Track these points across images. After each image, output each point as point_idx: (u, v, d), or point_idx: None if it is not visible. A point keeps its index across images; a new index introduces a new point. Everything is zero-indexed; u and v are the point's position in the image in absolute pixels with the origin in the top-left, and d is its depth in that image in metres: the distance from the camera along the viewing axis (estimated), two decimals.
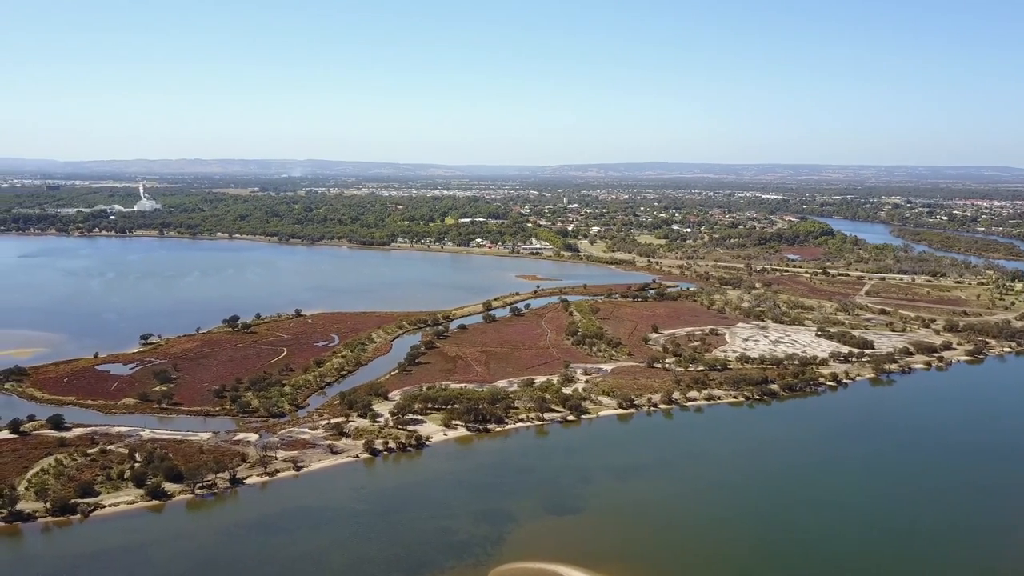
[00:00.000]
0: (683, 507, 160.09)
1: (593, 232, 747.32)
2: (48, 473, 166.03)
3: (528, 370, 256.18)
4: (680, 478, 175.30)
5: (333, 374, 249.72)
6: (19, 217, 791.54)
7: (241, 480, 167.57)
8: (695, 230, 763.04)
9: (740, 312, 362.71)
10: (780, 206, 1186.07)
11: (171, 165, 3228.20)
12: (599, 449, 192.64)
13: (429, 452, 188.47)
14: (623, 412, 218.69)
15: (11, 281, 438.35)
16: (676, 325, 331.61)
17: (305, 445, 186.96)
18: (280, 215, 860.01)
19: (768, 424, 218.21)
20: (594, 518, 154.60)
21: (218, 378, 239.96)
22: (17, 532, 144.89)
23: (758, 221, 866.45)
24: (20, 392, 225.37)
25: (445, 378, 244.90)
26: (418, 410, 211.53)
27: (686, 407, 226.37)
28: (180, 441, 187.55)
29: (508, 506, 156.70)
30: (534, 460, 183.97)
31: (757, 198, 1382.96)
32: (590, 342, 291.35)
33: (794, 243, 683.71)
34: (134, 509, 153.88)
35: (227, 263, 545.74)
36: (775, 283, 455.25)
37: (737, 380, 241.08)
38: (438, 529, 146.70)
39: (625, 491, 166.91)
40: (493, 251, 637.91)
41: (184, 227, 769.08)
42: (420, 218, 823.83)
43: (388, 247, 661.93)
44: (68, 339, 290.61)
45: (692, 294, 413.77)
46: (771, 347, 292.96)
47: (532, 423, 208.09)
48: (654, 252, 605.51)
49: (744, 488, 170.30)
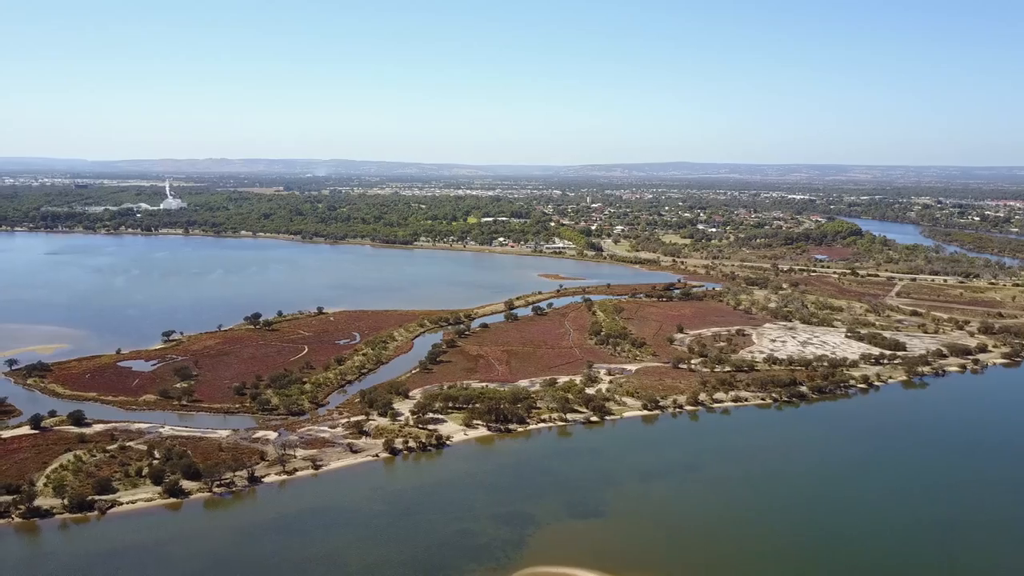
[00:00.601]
0: (711, 512, 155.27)
1: (617, 231, 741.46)
2: (67, 469, 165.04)
3: (550, 370, 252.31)
4: (707, 482, 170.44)
5: (354, 372, 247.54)
6: (47, 215, 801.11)
7: (259, 478, 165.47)
8: (720, 230, 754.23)
9: (767, 312, 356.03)
10: (807, 206, 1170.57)
11: (197, 165, 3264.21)
12: (623, 451, 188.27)
13: (449, 452, 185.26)
14: (648, 413, 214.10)
15: (37, 278, 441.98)
16: (702, 325, 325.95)
17: (324, 444, 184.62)
18: (304, 214, 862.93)
19: (797, 427, 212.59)
20: (618, 522, 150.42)
21: (239, 375, 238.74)
22: (34, 529, 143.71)
23: (784, 221, 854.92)
24: (42, 388, 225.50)
25: (466, 377, 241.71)
26: (439, 409, 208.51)
27: (712, 409, 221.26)
28: (199, 438, 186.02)
29: (529, 508, 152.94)
30: (556, 461, 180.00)
31: (783, 198, 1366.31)
32: (614, 342, 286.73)
33: (822, 243, 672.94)
34: (151, 507, 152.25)
35: (250, 261, 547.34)
36: (802, 283, 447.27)
37: (765, 382, 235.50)
38: (457, 531, 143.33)
39: (650, 494, 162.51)
40: (515, 250, 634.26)
41: (208, 225, 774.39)
42: (443, 217, 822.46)
43: (411, 246, 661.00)
44: (91, 335, 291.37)
45: (718, 294, 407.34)
46: (799, 348, 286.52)
47: (554, 424, 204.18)
48: (679, 252, 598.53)
49: (774, 493, 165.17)
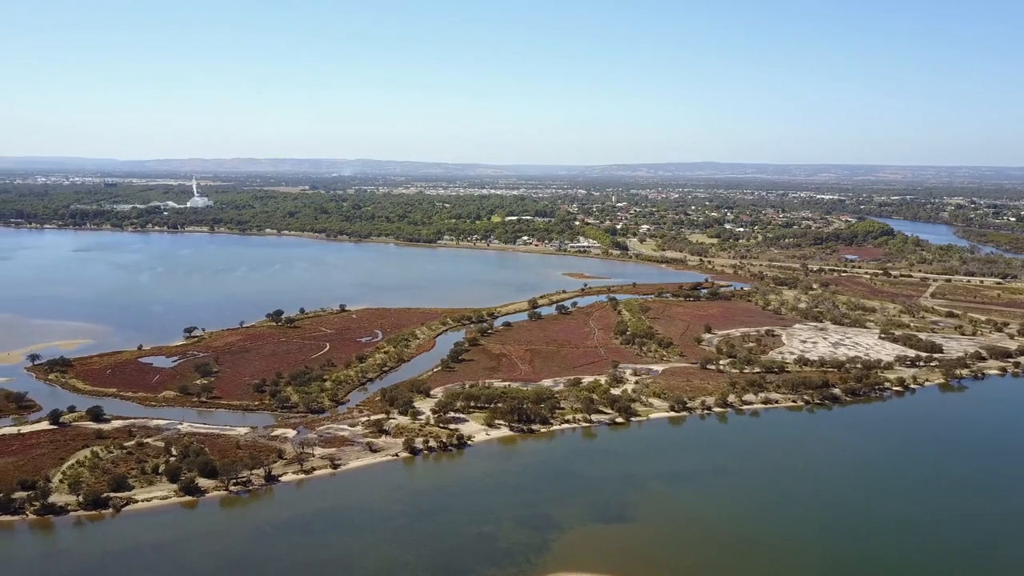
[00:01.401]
0: (741, 518, 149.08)
1: (643, 230, 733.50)
2: (83, 465, 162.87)
3: (575, 369, 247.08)
4: (737, 486, 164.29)
5: (375, 370, 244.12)
6: (76, 213, 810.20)
7: (276, 477, 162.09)
8: (748, 229, 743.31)
9: (797, 313, 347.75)
10: (836, 206, 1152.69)
11: (225, 164, 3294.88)
12: (650, 453, 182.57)
13: (471, 452, 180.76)
14: (675, 415, 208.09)
15: (64, 274, 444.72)
16: (730, 325, 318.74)
17: (343, 442, 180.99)
18: (329, 212, 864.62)
19: (830, 430, 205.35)
20: (644, 527, 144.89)
21: (259, 372, 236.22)
22: (49, 526, 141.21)
23: (813, 221, 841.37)
24: (63, 383, 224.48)
25: (489, 376, 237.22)
26: (460, 408, 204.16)
27: (742, 411, 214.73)
28: (217, 436, 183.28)
29: (552, 512, 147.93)
30: (581, 463, 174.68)
31: (811, 198, 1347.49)
32: (640, 342, 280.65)
33: (852, 243, 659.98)
34: (167, 505, 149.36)
35: (274, 259, 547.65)
36: (833, 283, 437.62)
37: (796, 383, 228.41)
38: (478, 535, 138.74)
39: (678, 499, 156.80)
40: (539, 249, 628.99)
41: (234, 223, 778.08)
42: (467, 216, 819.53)
43: (434, 244, 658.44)
44: (114, 331, 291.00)
45: (746, 294, 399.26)
46: (831, 349, 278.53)
47: (579, 424, 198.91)
48: (706, 251, 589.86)
49: (807, 498, 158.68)
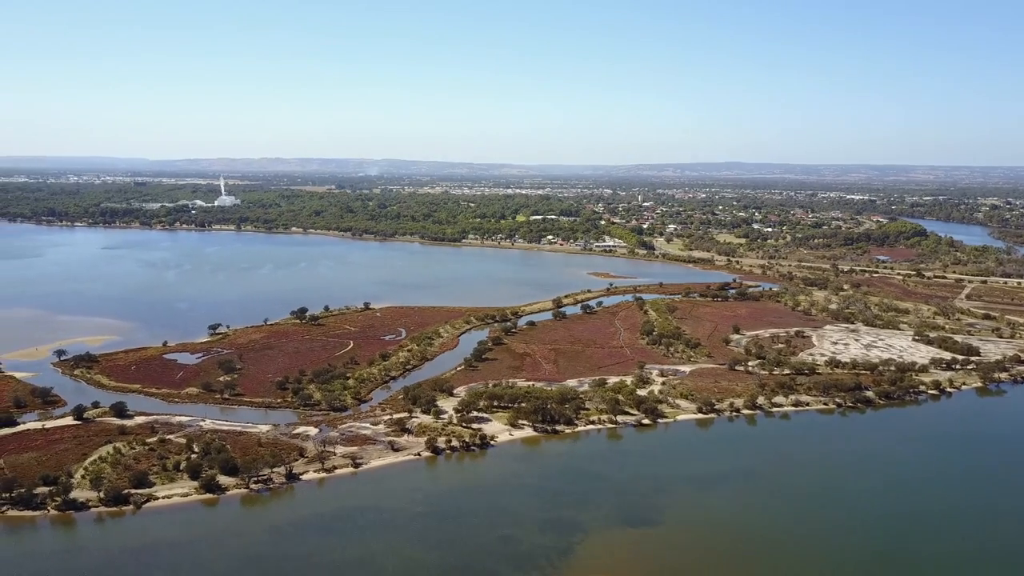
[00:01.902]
0: (771, 523, 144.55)
1: (669, 230, 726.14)
2: (105, 461, 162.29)
3: (600, 370, 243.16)
4: (767, 491, 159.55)
5: (398, 368, 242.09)
6: (106, 211, 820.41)
7: (297, 476, 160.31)
8: (776, 229, 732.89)
9: (827, 314, 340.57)
10: (866, 206, 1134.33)
11: (253, 164, 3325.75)
12: (677, 456, 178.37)
13: (494, 453, 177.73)
14: (703, 417, 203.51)
15: (92, 271, 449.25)
16: (759, 326, 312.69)
17: (365, 441, 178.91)
18: (354, 211, 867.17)
19: (863, 434, 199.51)
20: (672, 531, 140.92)
21: (282, 369, 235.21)
22: (69, 521, 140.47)
23: (843, 221, 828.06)
24: (88, 379, 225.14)
25: (512, 375, 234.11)
26: (483, 408, 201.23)
27: (771, 413, 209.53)
28: (239, 433, 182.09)
29: (577, 515, 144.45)
30: (606, 465, 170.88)
31: (841, 198, 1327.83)
32: (667, 342, 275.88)
33: (883, 244, 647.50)
34: (187, 502, 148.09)
35: (300, 257, 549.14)
36: (864, 284, 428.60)
37: (827, 386, 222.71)
38: (500, 537, 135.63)
39: (706, 503, 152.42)
40: (564, 248, 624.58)
41: (260, 222, 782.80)
42: (491, 215, 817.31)
43: (459, 243, 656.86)
44: (140, 327, 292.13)
45: (775, 294, 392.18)
46: (863, 351, 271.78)
47: (604, 426, 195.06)
48: (734, 251, 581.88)
49: (839, 504, 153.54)
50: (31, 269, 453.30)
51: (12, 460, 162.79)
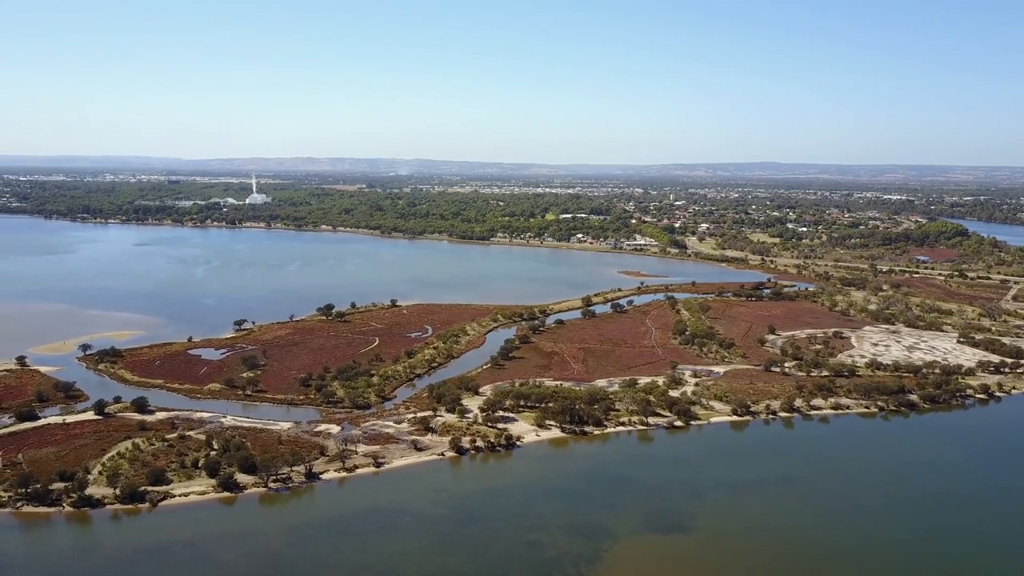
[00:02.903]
0: (808, 531, 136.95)
1: (702, 229, 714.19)
2: (124, 457, 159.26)
3: (630, 370, 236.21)
4: (805, 497, 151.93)
5: (423, 365, 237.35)
6: (139, 208, 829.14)
7: (317, 475, 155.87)
8: (812, 229, 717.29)
9: (867, 315, 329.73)
10: (904, 206, 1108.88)
11: (285, 163, 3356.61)
12: (711, 460, 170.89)
13: (519, 454, 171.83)
14: (737, 419, 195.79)
15: (123, 267, 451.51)
16: (795, 327, 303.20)
17: (388, 440, 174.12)
18: (384, 209, 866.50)
19: (907, 439, 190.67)
20: (705, 539, 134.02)
21: (306, 366, 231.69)
22: (85, 519, 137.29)
23: (881, 221, 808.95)
24: (112, 373, 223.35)
25: (539, 374, 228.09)
26: (510, 407, 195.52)
27: (809, 416, 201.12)
28: (260, 430, 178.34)
29: (606, 520, 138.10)
30: (636, 469, 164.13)
31: (878, 198, 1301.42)
32: (700, 342, 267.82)
33: (923, 244, 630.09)
34: (204, 500, 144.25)
35: (328, 254, 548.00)
36: (904, 285, 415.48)
37: (868, 388, 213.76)
38: (526, 542, 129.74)
39: (741, 509, 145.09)
40: (594, 247, 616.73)
41: (290, 219, 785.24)
42: (520, 214, 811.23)
43: (487, 242, 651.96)
44: (167, 323, 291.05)
45: (811, 294, 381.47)
46: (905, 353, 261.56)
47: (634, 427, 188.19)
48: (768, 250, 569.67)
49: (882, 512, 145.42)
50: (63, 265, 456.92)
51: (31, 455, 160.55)
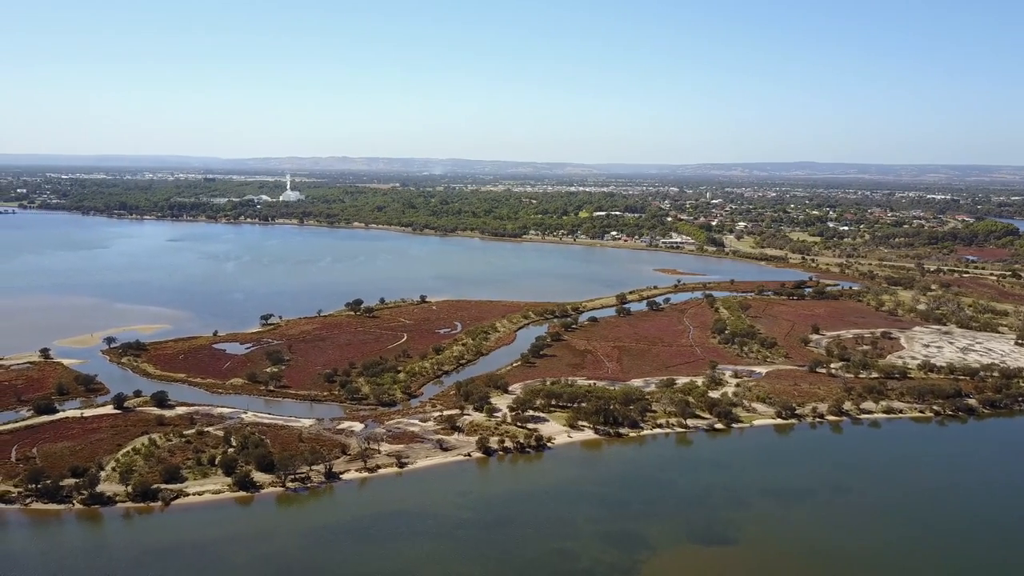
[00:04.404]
0: (864, 547, 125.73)
1: (739, 227, 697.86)
2: (139, 453, 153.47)
3: (667, 369, 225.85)
4: (859, 507, 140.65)
5: (451, 362, 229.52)
6: (175, 205, 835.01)
7: (338, 474, 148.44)
8: (853, 228, 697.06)
9: (916, 315, 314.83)
10: (949, 206, 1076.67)
11: (321, 163, 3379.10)
12: (755, 465, 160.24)
13: (550, 456, 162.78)
14: (782, 422, 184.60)
15: (154, 262, 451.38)
16: (840, 326, 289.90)
17: (413, 438, 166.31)
18: (416, 207, 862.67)
19: (967, 446, 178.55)
20: (751, 552, 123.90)
21: (332, 361, 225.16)
22: (95, 517, 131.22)
23: (926, 220, 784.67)
24: (134, 367, 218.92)
25: (572, 373, 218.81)
26: (540, 406, 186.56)
27: (859, 420, 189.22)
28: (281, 427, 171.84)
29: (642, 529, 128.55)
30: (675, 474, 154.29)
31: (921, 197, 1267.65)
32: (740, 341, 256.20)
33: (971, 243, 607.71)
34: (218, 499, 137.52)
35: (359, 250, 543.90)
36: (955, 285, 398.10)
37: (922, 391, 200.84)
38: (556, 550, 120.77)
39: (790, 520, 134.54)
40: (629, 244, 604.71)
41: (323, 216, 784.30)
42: (553, 211, 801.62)
43: (520, 239, 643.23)
44: (193, 317, 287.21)
45: (856, 293, 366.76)
46: (959, 355, 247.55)
47: (672, 429, 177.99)
48: (808, 249, 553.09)
49: (943, 524, 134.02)
50: (96, 259, 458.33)
51: (46, 449, 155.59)
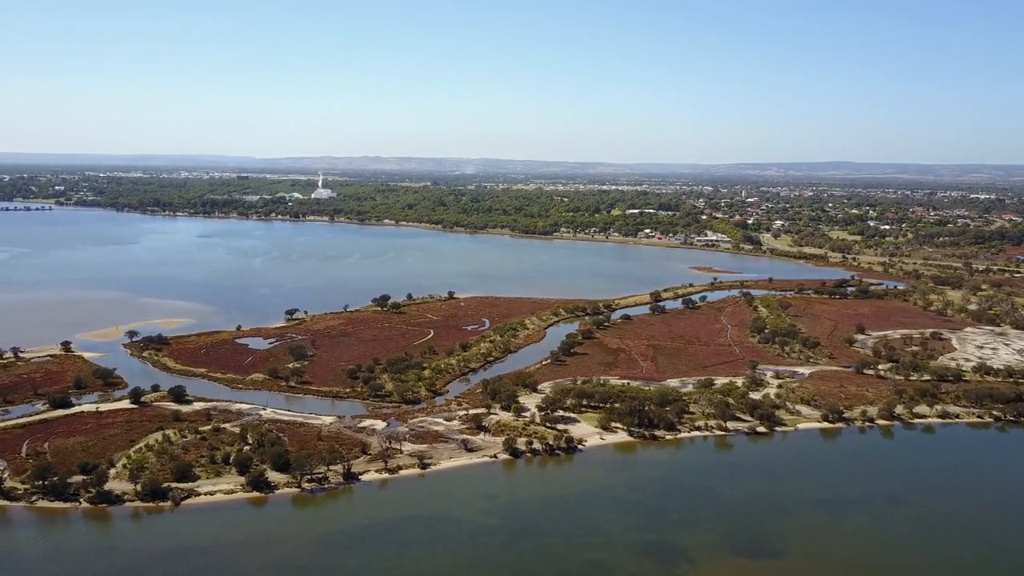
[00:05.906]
0: (926, 565, 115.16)
1: (776, 226, 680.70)
2: (152, 450, 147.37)
3: (705, 369, 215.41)
4: (918, 518, 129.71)
5: (478, 359, 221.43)
6: (207, 202, 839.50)
7: (357, 475, 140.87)
8: (895, 227, 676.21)
9: (967, 315, 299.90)
10: (994, 205, 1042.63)
11: (354, 162, 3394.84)
12: (801, 472, 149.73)
13: (581, 458, 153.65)
14: (828, 426, 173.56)
15: (183, 257, 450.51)
16: (886, 326, 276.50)
17: (436, 438, 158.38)
18: (447, 204, 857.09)
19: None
20: (798, 565, 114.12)
21: (356, 357, 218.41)
22: (102, 516, 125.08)
23: (971, 219, 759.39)
24: (155, 361, 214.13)
25: (604, 372, 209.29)
26: (570, 407, 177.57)
27: (912, 425, 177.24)
28: (300, 424, 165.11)
29: (681, 539, 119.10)
30: (716, 480, 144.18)
31: (964, 197, 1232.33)
32: (781, 341, 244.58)
33: (1021, 243, 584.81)
34: (231, 500, 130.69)
35: (389, 247, 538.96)
36: (1006, 285, 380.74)
37: (980, 395, 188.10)
38: (587, 562, 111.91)
39: (842, 533, 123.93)
40: (663, 242, 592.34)
41: (354, 214, 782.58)
42: (585, 209, 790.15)
43: (550, 237, 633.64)
44: (218, 311, 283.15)
45: (901, 293, 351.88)
46: (1017, 357, 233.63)
47: (712, 432, 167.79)
48: (849, 248, 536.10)
49: (1016, 545, 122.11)
50: (127, 254, 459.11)
51: (58, 445, 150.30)
